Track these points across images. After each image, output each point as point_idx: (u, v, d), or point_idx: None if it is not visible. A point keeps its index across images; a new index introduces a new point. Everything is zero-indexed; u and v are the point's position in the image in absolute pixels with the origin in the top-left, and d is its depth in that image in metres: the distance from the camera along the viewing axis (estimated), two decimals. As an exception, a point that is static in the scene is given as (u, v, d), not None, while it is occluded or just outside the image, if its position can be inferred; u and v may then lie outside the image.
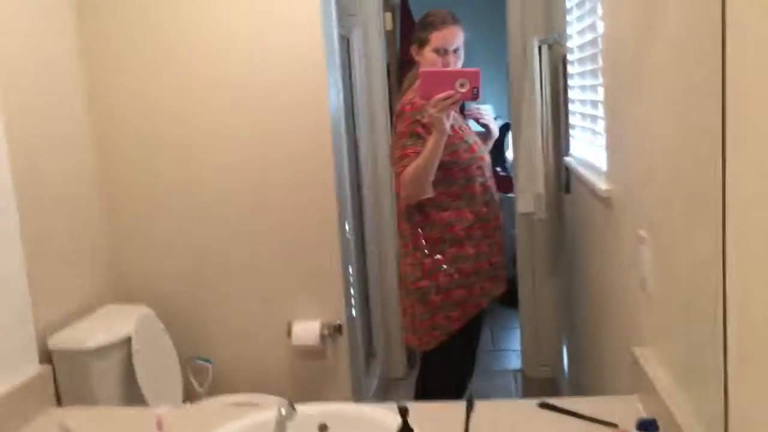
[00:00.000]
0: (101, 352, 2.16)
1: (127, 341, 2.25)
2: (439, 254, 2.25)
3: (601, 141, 1.93)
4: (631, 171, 1.60)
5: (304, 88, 2.50)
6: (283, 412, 1.26)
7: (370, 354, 3.55)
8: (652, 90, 1.36)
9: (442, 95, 1.99)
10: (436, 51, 2.23)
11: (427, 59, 2.24)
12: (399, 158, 2.20)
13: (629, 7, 1.52)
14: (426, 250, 2.26)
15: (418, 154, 2.13)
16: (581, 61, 2.29)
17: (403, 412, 1.16)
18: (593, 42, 2.04)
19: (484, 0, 4.33)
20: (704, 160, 1.01)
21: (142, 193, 2.61)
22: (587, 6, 2.09)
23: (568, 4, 2.40)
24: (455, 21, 2.25)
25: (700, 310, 1.09)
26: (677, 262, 1.24)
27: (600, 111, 1.97)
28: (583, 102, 2.33)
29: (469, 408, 1.34)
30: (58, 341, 2.13)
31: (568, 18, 2.40)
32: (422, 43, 2.26)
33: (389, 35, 3.71)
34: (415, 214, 2.27)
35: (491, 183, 2.35)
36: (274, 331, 2.63)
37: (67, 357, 2.12)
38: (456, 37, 2.24)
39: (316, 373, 2.66)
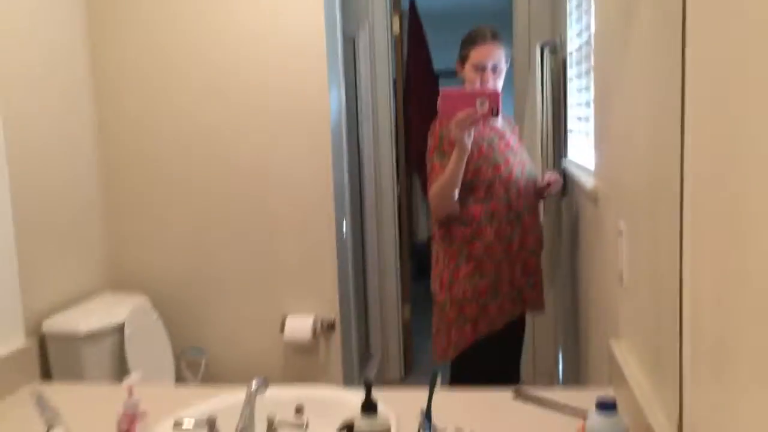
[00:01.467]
0: (93, 337, 2.18)
1: (121, 329, 2.27)
2: (456, 270, 2.22)
3: (592, 141, 1.94)
4: (613, 167, 1.61)
5: (305, 88, 2.53)
6: (254, 386, 1.27)
7: (366, 356, 3.55)
8: (631, 89, 1.37)
9: (461, 114, 2.00)
10: (475, 67, 2.19)
11: (467, 75, 2.23)
12: (429, 173, 2.22)
13: (614, 5, 1.54)
14: (444, 264, 2.25)
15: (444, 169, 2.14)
16: (579, 62, 2.30)
17: (368, 386, 1.17)
18: (588, 42, 2.05)
19: (490, 7, 4.34)
20: (669, 158, 1.02)
21: (142, 184, 2.65)
22: (584, 6, 2.10)
23: (568, 7, 2.42)
24: (494, 38, 2.21)
25: (663, 303, 1.09)
26: (647, 255, 1.24)
27: (591, 111, 1.98)
28: (579, 104, 2.33)
29: (433, 383, 1.24)
30: (52, 325, 2.16)
31: (569, 20, 2.42)
32: (463, 60, 2.24)
33: (397, 39, 3.74)
34: (441, 227, 2.25)
35: (521, 203, 2.22)
36: (268, 324, 2.64)
37: (59, 340, 2.15)
38: (493, 53, 2.19)
39: (308, 369, 2.67)
